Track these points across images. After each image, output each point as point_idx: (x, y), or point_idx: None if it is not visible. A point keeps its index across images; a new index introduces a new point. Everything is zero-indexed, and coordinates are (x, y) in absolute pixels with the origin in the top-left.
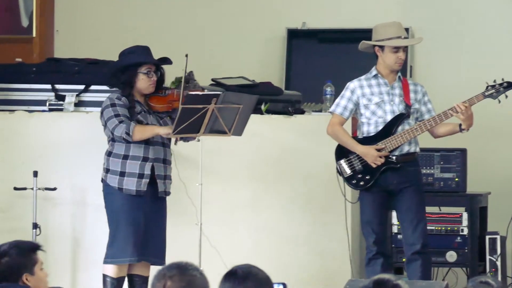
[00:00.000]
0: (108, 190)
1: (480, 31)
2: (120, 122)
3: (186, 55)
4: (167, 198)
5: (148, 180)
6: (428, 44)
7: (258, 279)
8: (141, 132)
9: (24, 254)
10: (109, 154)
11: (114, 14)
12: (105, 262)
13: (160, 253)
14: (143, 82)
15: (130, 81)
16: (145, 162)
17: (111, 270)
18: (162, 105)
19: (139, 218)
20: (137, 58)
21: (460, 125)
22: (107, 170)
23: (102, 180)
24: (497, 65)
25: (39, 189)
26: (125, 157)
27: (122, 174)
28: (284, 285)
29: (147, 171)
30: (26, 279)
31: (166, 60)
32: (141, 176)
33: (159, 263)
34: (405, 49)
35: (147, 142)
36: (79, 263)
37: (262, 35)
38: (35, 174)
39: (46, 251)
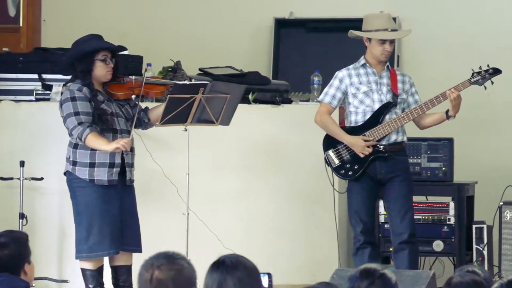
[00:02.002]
0: (77, 183)
1: (467, 20)
2: (79, 123)
3: (146, 68)
4: (150, 187)
5: (119, 169)
6: (415, 34)
7: (246, 268)
8: (93, 143)
9: (25, 245)
10: (75, 146)
11: (102, 4)
12: (80, 257)
13: (136, 241)
14: (101, 69)
15: (88, 69)
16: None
17: (89, 263)
18: (122, 93)
19: (114, 209)
20: (94, 45)
21: (447, 112)
22: (73, 163)
23: (67, 173)
24: (483, 54)
25: (25, 179)
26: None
27: (92, 165)
28: (269, 275)
29: (118, 160)
30: (25, 269)
31: (121, 47)
32: (111, 165)
33: (137, 250)
34: (392, 41)
35: (114, 131)
36: (66, 253)
37: (249, 25)
38: (22, 164)
39: (30, 241)
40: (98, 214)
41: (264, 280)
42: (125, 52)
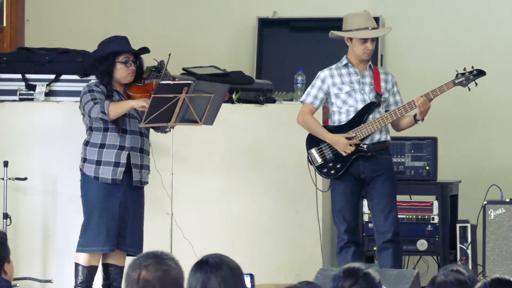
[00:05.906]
0: (84, 179)
1: (450, 19)
2: (95, 104)
3: (169, 54)
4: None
5: (123, 168)
6: (398, 33)
7: (230, 268)
8: (115, 108)
9: (3, 244)
10: (86, 143)
11: (85, 4)
12: (77, 250)
13: (137, 243)
14: (121, 72)
15: (108, 70)
16: (121, 151)
17: (83, 259)
18: (140, 94)
19: (114, 207)
20: (114, 47)
21: (415, 116)
22: (84, 160)
23: (80, 170)
24: (467, 53)
25: (9, 179)
26: (102, 146)
27: (98, 163)
28: (252, 276)
29: (123, 160)
30: (5, 269)
31: (144, 50)
32: (116, 164)
33: (136, 253)
34: (373, 39)
35: (123, 131)
36: (50, 253)
37: (233, 24)
38: (6, 164)
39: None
40: (97, 210)
41: (246, 281)
42: None
